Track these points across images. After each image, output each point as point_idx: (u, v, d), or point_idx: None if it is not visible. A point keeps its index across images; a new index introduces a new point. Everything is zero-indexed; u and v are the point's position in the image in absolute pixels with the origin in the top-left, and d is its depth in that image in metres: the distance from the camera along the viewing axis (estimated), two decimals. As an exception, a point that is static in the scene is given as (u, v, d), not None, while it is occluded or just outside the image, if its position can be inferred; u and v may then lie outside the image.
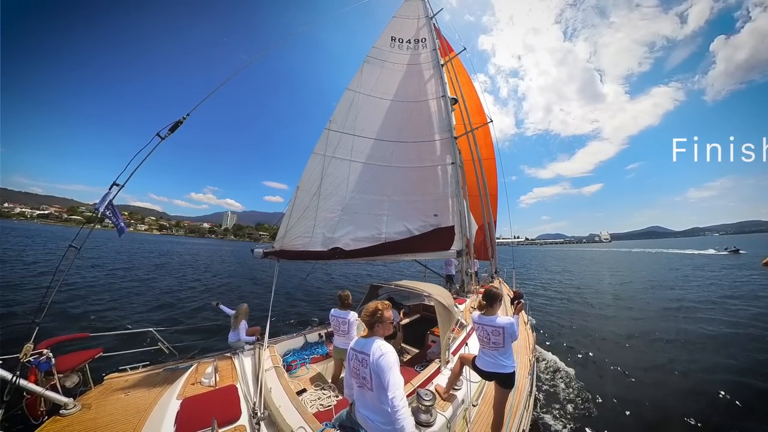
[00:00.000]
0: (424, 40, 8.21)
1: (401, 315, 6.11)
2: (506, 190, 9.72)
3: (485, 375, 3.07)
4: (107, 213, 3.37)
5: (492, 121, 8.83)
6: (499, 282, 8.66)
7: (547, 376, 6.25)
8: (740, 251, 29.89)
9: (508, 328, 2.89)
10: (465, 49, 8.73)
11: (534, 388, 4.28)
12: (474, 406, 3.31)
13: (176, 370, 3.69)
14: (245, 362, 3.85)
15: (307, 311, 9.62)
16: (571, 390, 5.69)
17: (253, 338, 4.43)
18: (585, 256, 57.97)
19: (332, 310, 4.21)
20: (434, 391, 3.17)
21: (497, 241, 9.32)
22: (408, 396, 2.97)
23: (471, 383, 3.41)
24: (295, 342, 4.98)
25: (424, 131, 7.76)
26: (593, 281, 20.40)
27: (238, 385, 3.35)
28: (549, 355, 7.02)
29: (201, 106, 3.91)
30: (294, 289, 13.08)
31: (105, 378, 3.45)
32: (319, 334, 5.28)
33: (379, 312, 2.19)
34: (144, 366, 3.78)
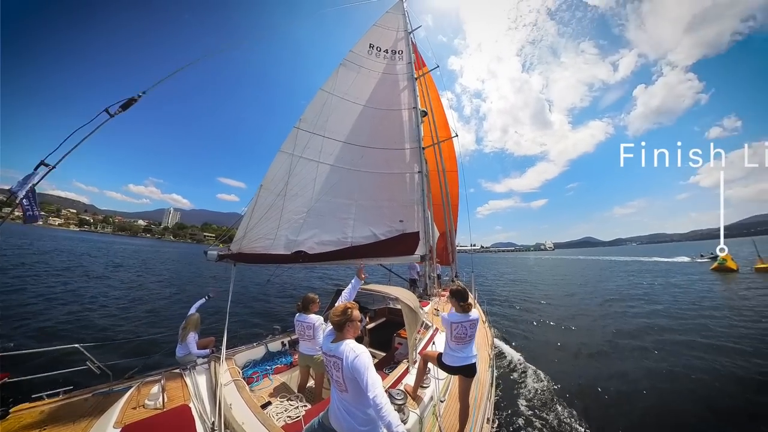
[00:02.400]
0: (401, 52, 8.44)
1: (367, 319, 6.04)
2: (466, 200, 10.25)
3: (455, 370, 3.20)
4: (24, 201, 2.75)
5: (456, 135, 9.30)
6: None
7: (506, 368, 6.79)
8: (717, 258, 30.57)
9: (477, 320, 3.23)
10: (438, 66, 9.15)
11: (494, 380, 4.56)
12: (442, 401, 3.44)
13: (111, 393, 3.14)
14: (198, 379, 3.44)
15: (269, 319, 9.01)
16: (528, 379, 6.34)
17: (206, 351, 4.01)
18: (543, 264, 60.16)
19: (297, 315, 4.01)
20: (404, 390, 3.24)
21: (457, 248, 9.81)
22: None
23: (438, 380, 3.56)
24: (256, 352, 4.63)
25: (394, 139, 7.91)
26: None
27: (191, 405, 2.99)
28: (507, 348, 7.70)
29: (159, 86, 3.49)
30: (254, 294, 12.22)
31: (10, 411, 2.75)
32: (282, 342, 4.98)
33: (349, 311, 2.17)
34: (66, 392, 3.15)
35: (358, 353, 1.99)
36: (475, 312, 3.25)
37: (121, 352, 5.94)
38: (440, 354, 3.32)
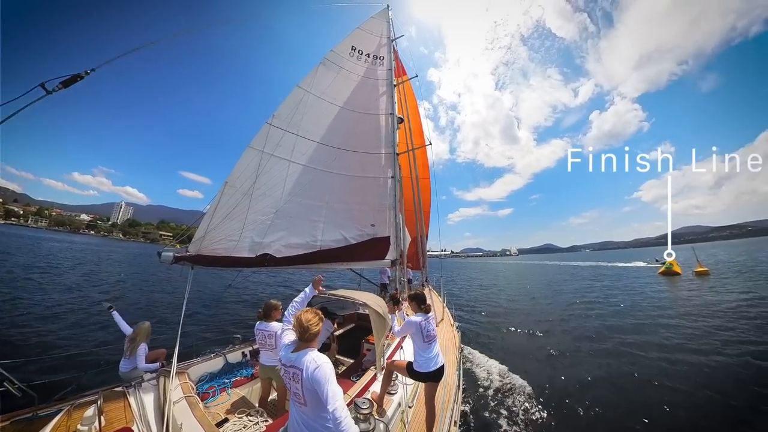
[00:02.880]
0: (382, 58, 8.48)
1: (335, 325, 5.85)
2: (438, 207, 10.49)
3: (427, 376, 3.18)
4: None
5: (431, 144, 9.49)
6: (429, 290, 9.23)
7: (473, 370, 6.97)
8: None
9: (434, 317, 3.38)
10: (417, 76, 9.37)
11: (461, 383, 4.59)
12: (410, 407, 3.39)
13: (35, 420, 2.69)
14: (144, 397, 3.08)
15: (229, 327, 8.40)
16: (494, 381, 6.56)
17: (157, 365, 3.60)
18: (511, 268, 61.45)
19: (258, 323, 3.74)
20: (371, 399, 3.15)
21: (428, 253, 9.95)
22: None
23: (406, 386, 3.52)
24: (213, 364, 4.25)
25: (369, 143, 7.88)
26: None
27: (134, 428, 2.64)
28: (474, 351, 7.89)
29: (122, 68, 3.18)
30: (213, 300, 11.35)
31: None
32: (243, 352, 4.63)
33: (314, 320, 2.07)
34: None
35: (319, 363, 1.90)
36: (432, 312, 3.42)
37: (49, 369, 5.16)
38: (409, 363, 3.30)
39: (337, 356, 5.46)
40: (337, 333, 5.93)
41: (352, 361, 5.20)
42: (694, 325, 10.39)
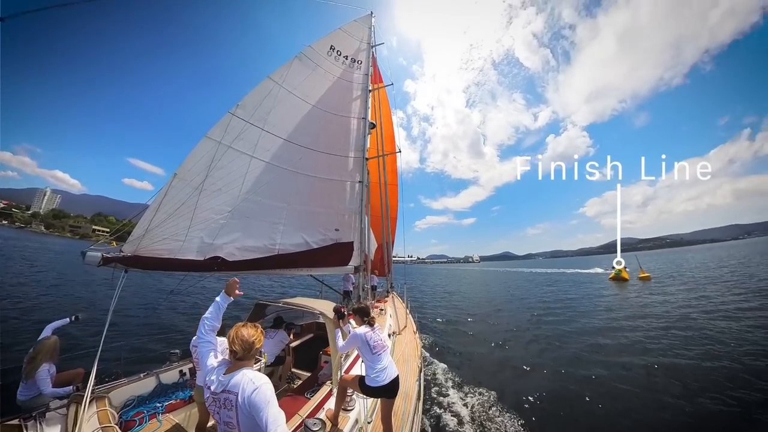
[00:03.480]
0: (360, 62, 8.38)
1: (291, 336, 5.43)
2: (405, 214, 10.50)
3: (380, 391, 2.99)
4: None
5: (400, 151, 9.54)
6: (393, 296, 9.12)
7: (435, 379, 7.03)
8: (626, 269, 32.24)
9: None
10: (392, 84, 9.63)
11: (422, 392, 4.46)
12: (369, 422, 3.17)
13: None
14: (48, 431, 2.49)
15: (166, 341, 7.24)
16: (455, 389, 6.56)
17: (69, 389, 2.96)
18: (475, 275, 62.69)
19: (195, 337, 3.28)
20: (325, 417, 2.96)
21: (394, 259, 9.89)
22: (296, 429, 2.71)
23: (366, 400, 3.29)
24: (143, 386, 3.62)
25: (339, 145, 7.66)
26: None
27: None
28: (436, 359, 7.93)
29: (51, 24, 2.61)
30: (148, 310, 10.01)
31: None
32: (181, 371, 4.04)
33: (257, 334, 1.85)
34: None
35: (257, 385, 1.66)
36: (378, 324, 3.35)
37: None
38: (361, 378, 3.12)
39: (293, 370, 5.09)
40: (293, 344, 5.50)
41: (309, 374, 4.83)
42: (635, 324, 11.52)
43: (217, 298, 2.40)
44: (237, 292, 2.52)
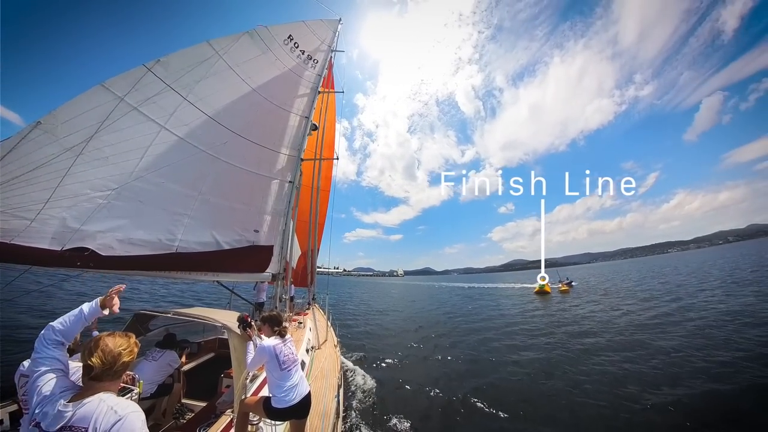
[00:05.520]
0: (316, 62, 7.94)
1: (183, 358, 4.36)
2: (335, 224, 10.14)
3: (289, 412, 2.69)
4: None
5: (338, 158, 9.26)
6: (314, 309, 8.50)
7: (356, 394, 6.73)
8: (573, 283, 35.11)
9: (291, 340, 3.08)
10: (343, 92, 9.49)
11: (341, 410, 4.14)
12: None
13: None
14: None
15: None
16: (378, 404, 6.38)
17: None
18: (406, 288, 63.31)
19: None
20: None
21: (319, 269, 9.33)
22: None
23: (275, 426, 2.92)
24: None
25: (273, 138, 6.91)
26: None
27: None
28: (358, 373, 7.69)
29: None
30: None
31: None
32: None
33: (126, 345, 1.43)
34: None
35: (122, 415, 1.25)
36: (288, 335, 3.06)
37: None
38: (266, 399, 2.74)
39: (182, 401, 4.06)
40: (186, 367, 4.42)
41: (205, 404, 3.91)
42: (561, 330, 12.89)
43: (84, 306, 1.68)
44: (115, 304, 1.78)
